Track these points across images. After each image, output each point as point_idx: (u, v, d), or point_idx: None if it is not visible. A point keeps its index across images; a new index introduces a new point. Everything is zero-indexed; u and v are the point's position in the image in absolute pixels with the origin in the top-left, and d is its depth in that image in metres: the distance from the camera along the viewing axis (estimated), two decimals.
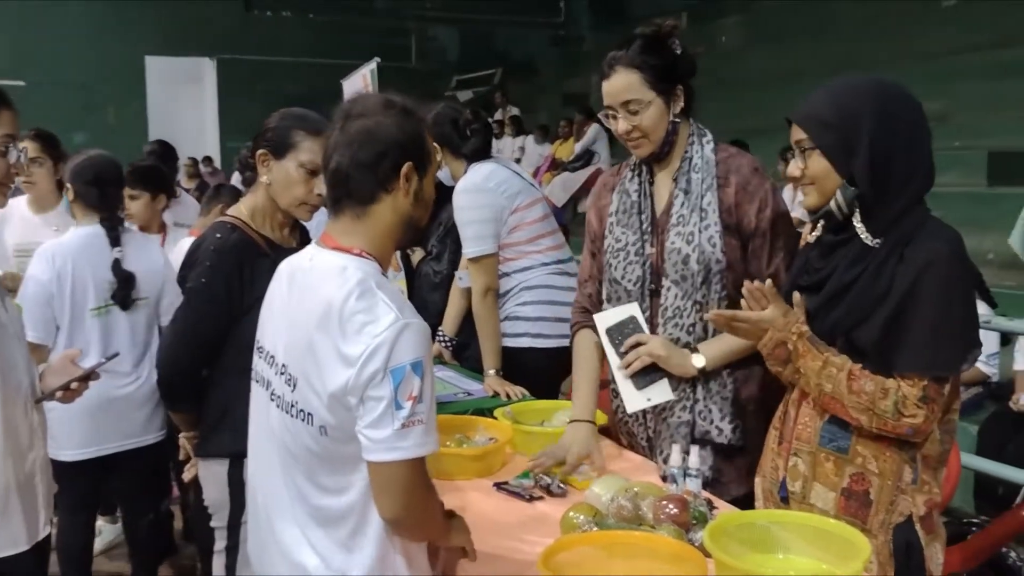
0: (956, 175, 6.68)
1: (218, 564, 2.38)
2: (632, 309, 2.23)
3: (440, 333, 3.37)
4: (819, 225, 1.83)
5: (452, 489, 2.13)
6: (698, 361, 2.14)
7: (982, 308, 4.49)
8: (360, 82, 5.53)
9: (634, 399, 2.20)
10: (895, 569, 1.72)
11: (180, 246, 3.35)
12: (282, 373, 1.60)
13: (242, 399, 1.80)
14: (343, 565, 1.57)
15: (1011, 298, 4.83)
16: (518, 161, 11.94)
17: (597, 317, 2.28)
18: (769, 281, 1.83)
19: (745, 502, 2.03)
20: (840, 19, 9.85)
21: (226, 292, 2.18)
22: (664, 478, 2.05)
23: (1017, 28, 7.65)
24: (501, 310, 3.07)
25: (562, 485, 2.11)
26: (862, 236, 1.72)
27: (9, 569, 1.75)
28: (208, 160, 12.73)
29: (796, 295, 1.81)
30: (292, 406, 1.57)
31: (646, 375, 2.19)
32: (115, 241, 3.08)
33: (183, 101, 14.65)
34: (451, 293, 3.37)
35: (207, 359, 2.25)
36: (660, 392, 2.18)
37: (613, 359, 2.23)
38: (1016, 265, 5.34)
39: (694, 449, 1.98)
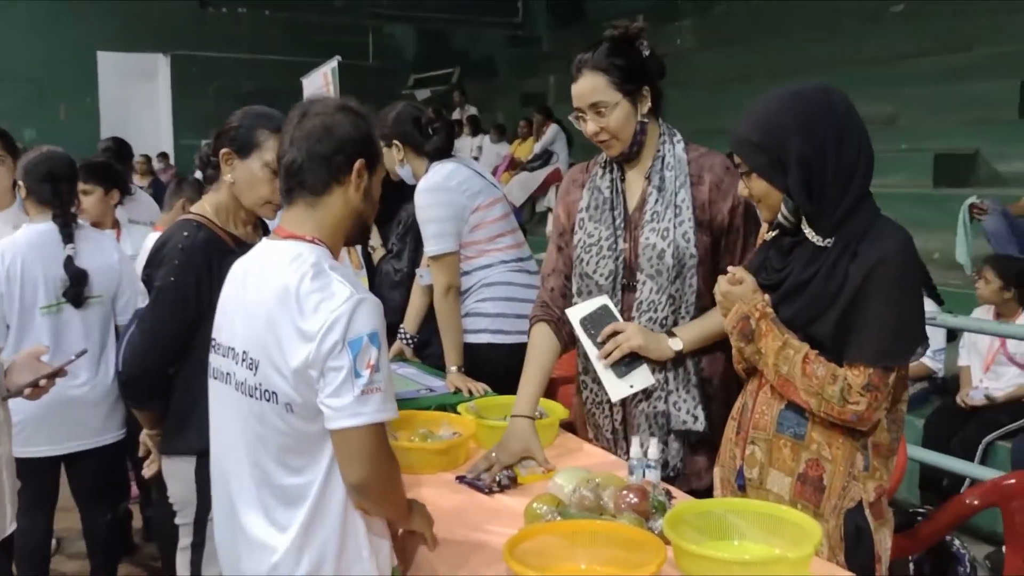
0: (903, 177, 6.85)
1: (182, 561, 2.38)
2: (603, 300, 2.27)
3: (401, 331, 3.39)
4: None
5: (416, 484, 2.16)
6: (675, 344, 2.21)
7: (929, 305, 4.65)
8: (321, 80, 5.52)
9: (617, 388, 2.24)
10: (845, 552, 1.79)
11: (147, 243, 3.33)
12: (243, 360, 1.65)
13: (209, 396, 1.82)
14: (306, 545, 1.62)
15: (956, 296, 4.99)
16: (475, 160, 11.96)
17: (569, 311, 2.31)
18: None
19: (706, 496, 2.08)
20: (792, 23, 10.05)
21: (195, 290, 2.19)
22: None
23: (963, 34, 7.89)
24: (461, 307, 3.09)
25: (510, 476, 2.15)
26: (812, 239, 1.79)
27: None
28: (163, 156, 12.54)
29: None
30: (256, 389, 1.62)
31: (625, 363, 2.23)
32: (68, 238, 3.05)
33: (136, 97, 14.39)
34: (412, 291, 3.39)
35: (176, 357, 2.26)
36: (641, 378, 2.23)
37: (591, 350, 2.26)
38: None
39: (653, 441, 2.04)
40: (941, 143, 6.97)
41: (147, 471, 2.47)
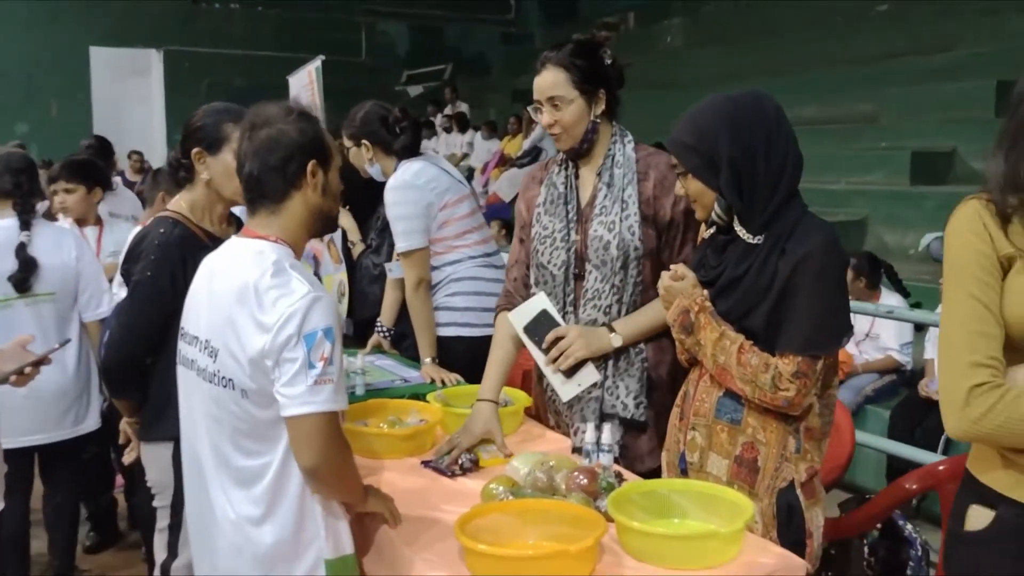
0: (882, 174, 6.96)
1: (160, 543, 2.48)
2: (541, 302, 2.39)
3: (379, 324, 3.50)
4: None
5: (382, 468, 2.27)
6: (615, 340, 2.33)
7: (895, 299, 4.77)
8: (305, 78, 5.60)
9: (566, 389, 2.37)
10: (777, 529, 1.90)
11: (130, 239, 3.43)
12: (205, 348, 1.76)
13: None
14: (264, 523, 1.72)
15: (926, 291, 5.10)
16: (466, 156, 12.05)
17: (511, 317, 2.43)
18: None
19: (652, 478, 2.20)
20: (780, 23, 10.15)
21: (171, 284, 2.29)
22: (575, 450, 2.22)
23: (944, 34, 8.00)
24: (431, 301, 3.19)
25: (473, 460, 2.26)
26: (743, 237, 1.91)
27: None
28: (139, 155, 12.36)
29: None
30: (214, 375, 1.73)
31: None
32: (24, 225, 3.16)
33: (129, 93, 14.45)
34: (386, 285, 3.49)
35: (152, 348, 2.35)
36: (587, 376, 2.35)
37: (538, 356, 2.39)
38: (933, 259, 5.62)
39: (607, 426, 2.15)
40: (920, 141, 7.07)
41: (127, 458, 2.57)
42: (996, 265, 1.45)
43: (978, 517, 1.53)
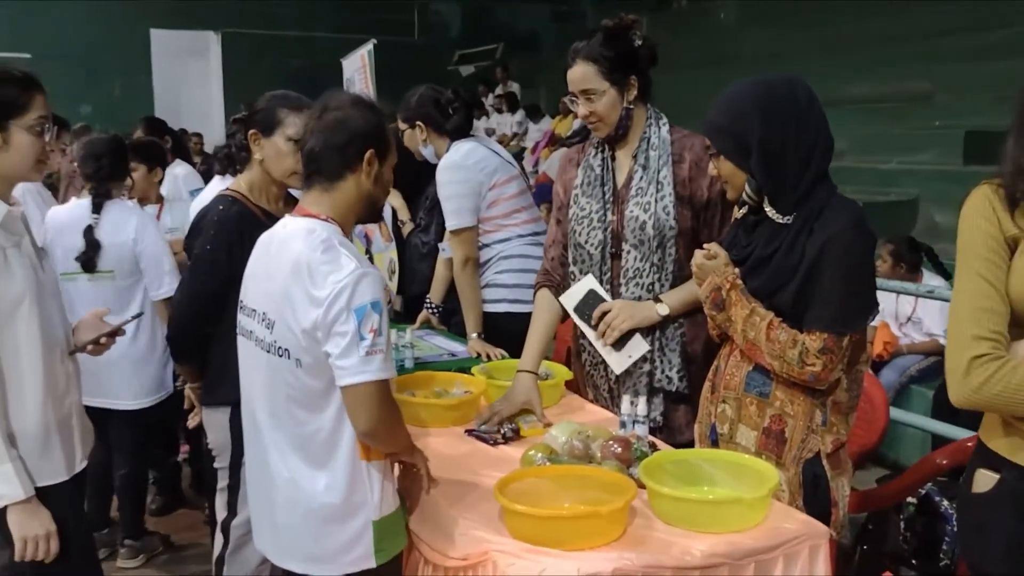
0: (934, 154, 6.87)
1: (220, 502, 2.65)
2: (589, 283, 2.49)
3: (428, 301, 3.62)
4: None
5: (429, 435, 2.39)
6: (662, 309, 2.42)
7: (936, 280, 4.76)
8: (358, 62, 5.73)
9: (618, 362, 2.47)
10: (803, 498, 1.98)
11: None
12: (263, 320, 1.89)
13: None
14: (315, 483, 1.85)
15: None
16: (515, 136, 12.12)
17: (563, 300, 2.54)
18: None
19: (693, 447, 2.29)
20: (833, 1, 9.99)
21: (228, 258, 2.43)
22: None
23: (1000, 11, 7.81)
24: (481, 278, 3.30)
25: (514, 429, 2.38)
26: (773, 217, 1.97)
27: (53, 496, 2.00)
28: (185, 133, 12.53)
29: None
30: (272, 345, 1.86)
31: (620, 337, 2.44)
32: (96, 208, 3.36)
33: (189, 74, 14.75)
34: (437, 263, 3.61)
35: (212, 318, 2.49)
36: (637, 347, 2.45)
37: (589, 333, 2.49)
38: None
39: (642, 399, 2.24)
40: (972, 120, 6.94)
41: (191, 422, 2.74)
42: (1003, 246, 1.53)
43: (984, 480, 1.62)
